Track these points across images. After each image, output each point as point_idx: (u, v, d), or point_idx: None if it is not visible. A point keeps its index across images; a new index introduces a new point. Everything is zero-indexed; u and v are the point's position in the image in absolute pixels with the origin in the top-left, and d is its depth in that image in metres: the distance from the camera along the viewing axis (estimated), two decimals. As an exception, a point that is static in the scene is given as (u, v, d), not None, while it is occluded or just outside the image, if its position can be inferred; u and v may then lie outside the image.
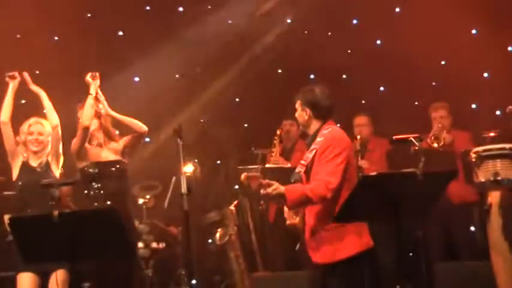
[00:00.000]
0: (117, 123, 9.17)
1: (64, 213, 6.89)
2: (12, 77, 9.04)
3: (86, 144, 8.89)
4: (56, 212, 6.78)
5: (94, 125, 8.76)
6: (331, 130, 7.16)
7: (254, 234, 12.20)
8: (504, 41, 12.20)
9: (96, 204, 8.45)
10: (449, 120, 11.08)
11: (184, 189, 8.35)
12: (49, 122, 8.82)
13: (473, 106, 12.85)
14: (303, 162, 7.18)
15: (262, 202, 12.07)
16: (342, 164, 6.92)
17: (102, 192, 8.41)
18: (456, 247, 10.98)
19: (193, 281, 12.09)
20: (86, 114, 8.53)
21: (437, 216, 10.34)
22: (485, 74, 13.01)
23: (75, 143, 8.70)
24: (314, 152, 7.07)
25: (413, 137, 7.73)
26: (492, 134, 10.15)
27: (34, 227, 6.93)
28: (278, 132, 11.72)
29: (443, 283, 9.98)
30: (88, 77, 8.75)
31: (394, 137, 8.22)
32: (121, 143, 8.97)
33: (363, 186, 6.45)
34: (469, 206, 10.57)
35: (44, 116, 8.92)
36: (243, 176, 7.51)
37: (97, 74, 8.89)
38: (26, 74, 9.07)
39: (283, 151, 11.75)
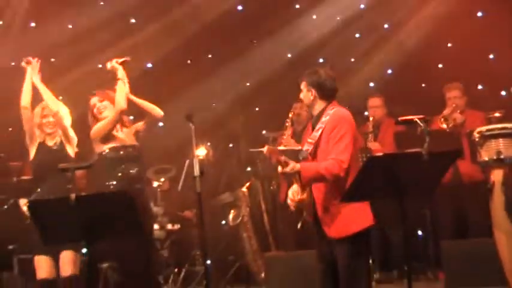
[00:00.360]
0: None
1: (81, 196, 6.98)
2: (28, 62, 9.01)
3: None
4: (73, 196, 6.86)
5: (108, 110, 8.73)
6: (336, 110, 7.23)
7: (266, 214, 12.27)
8: (509, 23, 12.18)
9: (117, 187, 8.42)
10: (463, 100, 11.05)
11: (197, 172, 8.40)
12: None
13: (480, 87, 12.80)
14: (310, 140, 7.26)
15: (273, 183, 12.16)
16: (350, 143, 7.03)
17: (122, 175, 8.42)
18: (467, 225, 11.03)
19: (208, 261, 12.18)
20: (122, 98, 8.51)
21: (448, 196, 10.44)
22: (491, 56, 12.92)
23: (104, 126, 8.58)
24: (320, 130, 7.16)
25: (419, 118, 7.77)
26: (497, 115, 10.20)
27: (52, 210, 7.02)
28: (290, 115, 11.77)
29: (451, 261, 10.02)
30: (114, 63, 8.73)
31: (400, 119, 8.27)
32: (133, 128, 8.97)
33: (370, 167, 6.53)
34: (479, 184, 10.60)
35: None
36: (265, 148, 7.51)
37: (127, 58, 8.87)
38: (35, 62, 9.03)
39: (294, 134, 11.78)
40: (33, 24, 13.96)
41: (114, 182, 8.30)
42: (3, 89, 9.37)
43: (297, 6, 13.87)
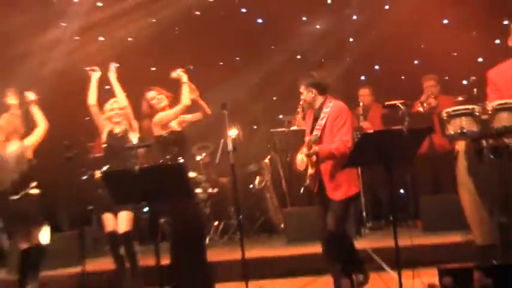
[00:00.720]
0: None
1: (143, 167, 7.09)
2: (93, 70, 9.10)
3: None
4: (137, 167, 6.98)
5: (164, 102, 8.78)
6: (335, 103, 7.45)
7: (283, 179, 12.35)
8: (467, 29, 12.19)
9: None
10: (437, 89, 11.01)
11: (230, 148, 8.47)
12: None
13: (446, 78, 12.79)
14: (317, 127, 7.43)
15: (288, 155, 12.20)
16: (350, 127, 7.32)
17: (175, 153, 8.46)
18: (440, 185, 11.08)
19: (240, 216, 12.27)
20: (187, 97, 8.49)
21: (425, 162, 10.51)
22: (454, 53, 12.96)
23: (169, 116, 8.49)
24: (325, 119, 7.36)
25: (400, 103, 7.82)
26: (460, 98, 10.28)
27: (120, 178, 7.13)
28: (300, 102, 11.79)
29: (426, 212, 10.16)
30: (179, 72, 8.68)
31: (386, 103, 8.33)
32: (181, 118, 8.90)
33: (363, 141, 6.65)
34: (449, 152, 10.64)
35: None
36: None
37: (189, 67, 8.85)
38: (113, 65, 9.12)
39: (304, 116, 11.84)
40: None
41: (168, 157, 8.33)
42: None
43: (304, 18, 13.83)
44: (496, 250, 6.80)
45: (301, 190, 7.85)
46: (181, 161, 8.29)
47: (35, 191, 8.82)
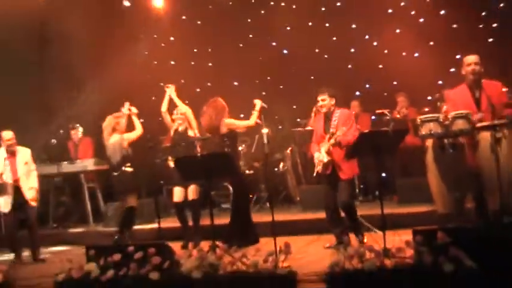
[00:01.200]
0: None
1: (204, 154, 7.20)
2: (167, 86, 9.27)
3: None
4: (199, 154, 7.08)
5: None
6: (342, 110, 7.62)
7: (300, 165, 12.36)
8: (433, 60, 12.06)
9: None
10: (407, 102, 11.00)
11: (265, 141, 8.56)
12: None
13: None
14: (333, 127, 7.50)
15: (305, 148, 12.19)
16: (356, 128, 7.50)
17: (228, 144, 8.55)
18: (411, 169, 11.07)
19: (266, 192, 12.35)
20: (254, 120, 8.90)
21: (400, 154, 10.47)
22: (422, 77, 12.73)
23: (239, 125, 8.87)
24: (336, 121, 7.48)
25: (387, 111, 7.92)
26: (426, 109, 10.23)
27: (188, 162, 7.22)
28: (314, 109, 11.83)
29: (401, 190, 10.17)
30: (258, 102, 8.92)
31: (376, 111, 8.44)
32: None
33: (361, 139, 6.69)
34: (417, 147, 10.62)
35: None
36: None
37: (264, 106, 9.04)
38: (172, 87, 9.31)
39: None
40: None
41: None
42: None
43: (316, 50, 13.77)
44: (453, 217, 6.86)
45: (314, 173, 7.81)
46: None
47: (129, 169, 8.97)
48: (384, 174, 11.31)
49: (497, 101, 6.70)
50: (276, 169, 12.21)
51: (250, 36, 13.95)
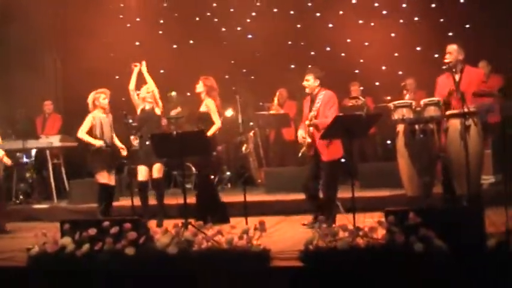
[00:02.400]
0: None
1: (178, 132, 7.22)
2: (135, 65, 9.15)
3: None
4: (174, 132, 7.10)
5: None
6: (327, 92, 7.61)
7: (262, 148, 12.48)
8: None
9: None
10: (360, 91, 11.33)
11: (240, 120, 8.70)
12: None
13: (377, 83, 12.93)
14: (314, 108, 7.58)
15: (267, 131, 12.38)
16: (337, 109, 7.47)
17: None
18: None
19: (228, 173, 12.42)
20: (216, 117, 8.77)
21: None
22: (383, 67, 12.99)
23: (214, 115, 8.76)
24: (320, 102, 7.53)
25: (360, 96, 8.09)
26: (388, 98, 10.40)
27: (163, 139, 7.25)
28: (277, 94, 11.96)
29: (363, 176, 10.34)
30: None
31: (351, 96, 8.63)
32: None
33: (336, 121, 6.81)
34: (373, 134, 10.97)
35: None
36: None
37: None
38: (144, 63, 9.17)
39: (279, 104, 12.01)
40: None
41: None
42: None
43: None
44: (421, 200, 7.05)
45: (300, 154, 7.89)
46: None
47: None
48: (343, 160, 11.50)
49: (475, 88, 6.90)
50: (238, 151, 12.30)
51: (216, 20, 13.97)
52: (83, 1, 12.77)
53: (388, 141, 11.74)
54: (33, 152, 11.20)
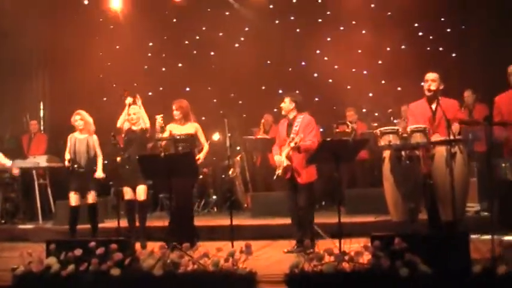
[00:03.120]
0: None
1: (166, 154, 7.25)
2: (127, 94, 8.80)
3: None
4: (162, 154, 7.13)
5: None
6: (305, 116, 7.73)
7: (248, 172, 12.51)
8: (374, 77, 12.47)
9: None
10: (355, 116, 11.39)
11: (228, 144, 8.69)
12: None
13: (364, 110, 12.97)
14: (294, 132, 7.61)
15: (254, 156, 12.41)
16: (317, 133, 7.64)
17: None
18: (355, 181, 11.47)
19: (214, 196, 12.41)
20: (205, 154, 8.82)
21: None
22: (370, 94, 13.14)
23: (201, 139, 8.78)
24: (298, 126, 7.59)
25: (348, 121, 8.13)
26: (375, 124, 10.48)
27: (149, 160, 7.27)
28: (262, 120, 12.04)
29: (349, 202, 10.41)
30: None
31: (338, 121, 8.70)
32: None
33: (323, 146, 6.87)
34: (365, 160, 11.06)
35: None
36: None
37: None
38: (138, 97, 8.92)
39: (264, 130, 12.08)
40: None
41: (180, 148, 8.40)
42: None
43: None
44: (406, 225, 7.09)
45: (275, 177, 7.91)
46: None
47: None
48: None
49: (452, 117, 6.99)
50: (224, 175, 12.31)
51: (204, 43, 14.07)
52: (73, 22, 12.81)
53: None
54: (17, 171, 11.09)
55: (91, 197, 8.73)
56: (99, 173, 8.80)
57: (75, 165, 8.63)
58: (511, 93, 7.50)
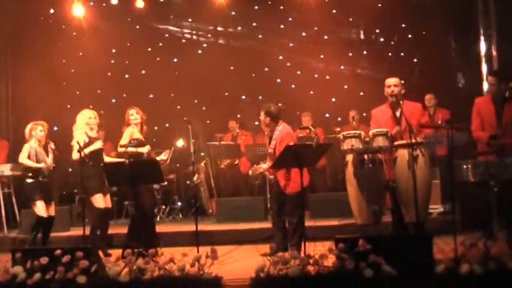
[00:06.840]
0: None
1: (131, 161, 7.24)
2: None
3: None
4: (127, 161, 7.13)
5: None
6: (283, 127, 7.74)
7: (212, 178, 12.53)
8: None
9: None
10: (311, 121, 11.41)
11: (192, 150, 8.74)
12: None
13: (327, 115, 13.17)
14: (271, 145, 7.70)
15: (218, 162, 12.38)
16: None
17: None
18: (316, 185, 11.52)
19: (179, 203, 12.39)
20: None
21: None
22: (333, 99, 13.26)
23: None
24: (275, 141, 7.64)
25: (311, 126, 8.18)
26: (338, 129, 10.60)
27: (116, 168, 7.23)
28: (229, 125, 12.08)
29: (313, 206, 10.49)
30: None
31: (301, 126, 8.73)
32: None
33: (287, 151, 6.91)
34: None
35: None
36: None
37: None
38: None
39: (232, 136, 12.14)
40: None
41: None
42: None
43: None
44: (370, 228, 7.19)
45: (250, 172, 8.05)
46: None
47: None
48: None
49: (416, 121, 7.11)
50: (188, 182, 12.31)
51: (167, 50, 14.08)
52: (36, 28, 12.72)
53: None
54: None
55: (52, 209, 8.72)
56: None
57: (40, 176, 8.58)
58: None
